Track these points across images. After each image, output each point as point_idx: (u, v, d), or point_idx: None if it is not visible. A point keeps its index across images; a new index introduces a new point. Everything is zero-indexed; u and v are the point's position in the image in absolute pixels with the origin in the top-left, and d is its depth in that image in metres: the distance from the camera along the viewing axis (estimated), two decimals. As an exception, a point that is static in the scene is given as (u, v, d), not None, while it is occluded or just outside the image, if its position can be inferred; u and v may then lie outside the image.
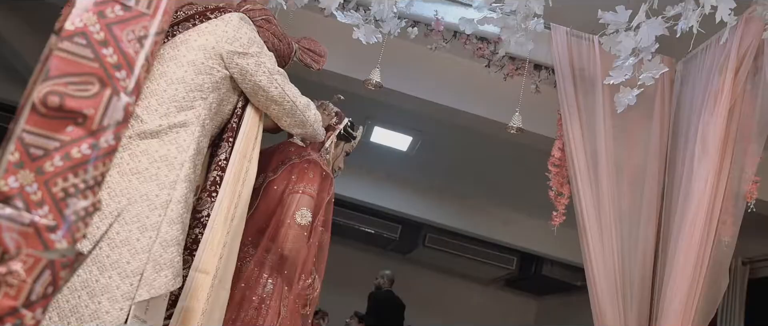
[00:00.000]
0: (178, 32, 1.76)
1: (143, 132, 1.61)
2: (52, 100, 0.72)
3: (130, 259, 1.50)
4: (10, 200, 0.74)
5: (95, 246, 1.54)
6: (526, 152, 4.15)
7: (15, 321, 0.78)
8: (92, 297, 1.46)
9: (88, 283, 1.46)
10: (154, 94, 1.65)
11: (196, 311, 1.66)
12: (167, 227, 1.56)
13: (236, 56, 1.77)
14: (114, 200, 1.54)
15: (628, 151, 2.80)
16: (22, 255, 0.76)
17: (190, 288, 1.67)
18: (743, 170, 2.36)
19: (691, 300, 2.32)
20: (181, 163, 1.63)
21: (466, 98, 3.83)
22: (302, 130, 2.01)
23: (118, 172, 1.56)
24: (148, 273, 1.51)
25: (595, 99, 2.83)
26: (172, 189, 1.60)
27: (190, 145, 1.66)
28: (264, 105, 1.90)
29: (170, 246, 1.56)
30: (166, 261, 1.55)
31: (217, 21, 1.78)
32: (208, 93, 1.73)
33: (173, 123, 1.64)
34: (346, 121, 2.43)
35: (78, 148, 0.76)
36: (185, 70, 1.70)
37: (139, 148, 1.60)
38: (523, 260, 8.06)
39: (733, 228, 2.36)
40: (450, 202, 6.90)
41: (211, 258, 1.71)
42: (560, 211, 2.90)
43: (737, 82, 2.41)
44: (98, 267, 1.48)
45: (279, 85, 1.86)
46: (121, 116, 0.78)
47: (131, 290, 1.49)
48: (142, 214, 1.54)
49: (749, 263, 4.90)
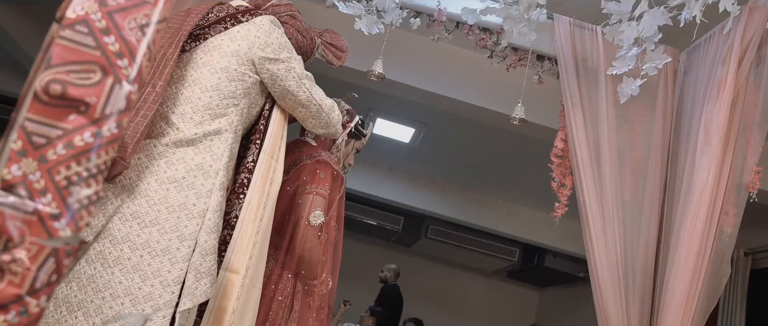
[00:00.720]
0: (210, 35, 1.78)
1: (179, 140, 1.65)
2: (54, 89, 0.72)
3: (170, 268, 1.54)
4: (13, 188, 0.74)
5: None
6: (529, 143, 4.15)
7: (19, 309, 0.78)
8: (135, 304, 1.49)
9: (131, 291, 1.50)
10: (189, 101, 1.69)
11: (227, 310, 1.69)
12: (205, 236, 1.60)
13: (268, 62, 1.79)
14: (153, 209, 1.57)
15: (631, 141, 2.79)
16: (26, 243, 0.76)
17: (221, 287, 1.69)
18: (745, 161, 2.36)
19: (693, 290, 2.32)
20: (216, 172, 1.67)
21: (469, 89, 3.82)
22: (326, 130, 2.05)
23: (156, 181, 1.60)
24: (189, 282, 1.55)
25: (597, 89, 2.82)
26: (208, 197, 1.63)
27: (224, 152, 1.70)
28: (291, 107, 1.93)
29: (208, 255, 1.60)
30: (206, 270, 1.59)
31: (249, 25, 1.80)
32: (240, 99, 1.77)
33: (208, 131, 1.68)
34: (357, 118, 2.46)
35: (81, 136, 0.76)
36: (219, 77, 1.72)
37: (176, 156, 1.64)
38: (525, 251, 8.07)
39: (735, 219, 2.35)
40: (452, 194, 6.90)
41: (242, 257, 1.73)
42: (563, 202, 2.89)
43: (740, 72, 2.40)
44: (140, 275, 1.51)
45: (307, 90, 1.90)
46: (123, 105, 0.78)
47: (173, 298, 1.52)
48: (180, 224, 1.58)
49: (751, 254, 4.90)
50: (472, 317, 9.24)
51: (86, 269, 1.53)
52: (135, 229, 1.55)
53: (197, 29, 1.78)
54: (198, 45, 1.77)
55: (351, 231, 8.43)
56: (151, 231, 1.55)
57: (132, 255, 1.53)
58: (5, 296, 0.76)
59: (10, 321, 0.78)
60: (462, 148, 5.79)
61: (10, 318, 0.78)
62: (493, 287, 9.61)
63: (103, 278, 1.51)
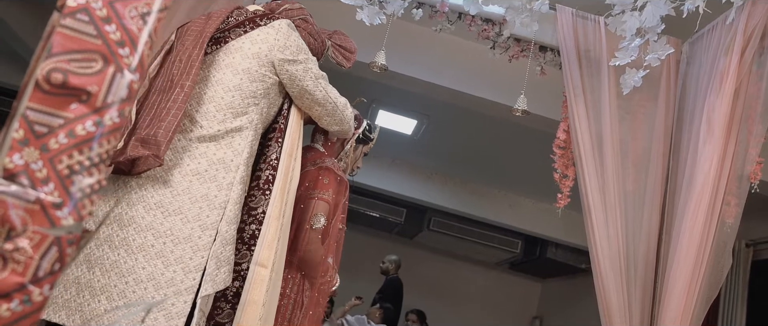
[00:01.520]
0: (231, 38, 1.89)
1: (202, 136, 1.75)
2: (55, 77, 0.72)
3: (192, 256, 1.62)
4: (15, 177, 0.74)
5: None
6: (531, 135, 4.14)
7: (23, 297, 0.78)
8: (158, 289, 1.57)
9: (154, 276, 1.58)
10: (212, 100, 1.79)
11: (258, 303, 1.76)
12: (226, 226, 1.69)
13: (287, 63, 1.89)
14: (176, 199, 1.67)
15: (634, 132, 2.79)
16: (29, 232, 0.77)
17: (251, 281, 1.77)
18: (747, 151, 2.35)
19: (694, 281, 2.32)
20: (237, 166, 1.76)
21: (471, 81, 3.82)
22: (340, 127, 2.14)
23: (180, 173, 1.70)
24: (210, 269, 1.63)
25: (600, 80, 2.81)
26: (229, 190, 1.73)
27: (245, 148, 1.80)
28: (308, 106, 2.02)
29: (228, 244, 1.70)
30: (225, 259, 1.68)
31: (268, 28, 1.90)
32: (260, 99, 1.86)
33: (229, 128, 1.78)
34: (365, 123, 2.53)
35: (83, 125, 0.76)
36: (241, 78, 1.83)
37: (198, 150, 1.74)
38: (527, 243, 8.08)
39: (736, 210, 2.35)
40: (455, 186, 6.90)
41: (268, 252, 1.81)
42: (565, 193, 2.89)
43: (743, 62, 2.40)
44: (163, 262, 1.60)
45: (323, 88, 1.99)
46: (125, 93, 0.78)
47: (194, 284, 1.60)
48: (202, 214, 1.67)
49: (753, 245, 4.90)
50: (474, 308, 9.26)
51: (110, 255, 1.60)
52: (158, 218, 1.63)
53: (218, 32, 1.88)
54: (220, 47, 1.87)
55: (353, 224, 8.42)
56: (174, 220, 1.64)
57: (155, 242, 1.61)
58: (8, 284, 0.76)
59: (14, 309, 0.78)
60: (464, 140, 5.79)
61: (13, 307, 0.78)
62: (496, 278, 9.62)
63: (127, 263, 1.58)
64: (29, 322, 0.81)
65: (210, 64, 1.85)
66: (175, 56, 1.83)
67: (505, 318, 9.37)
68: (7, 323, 0.78)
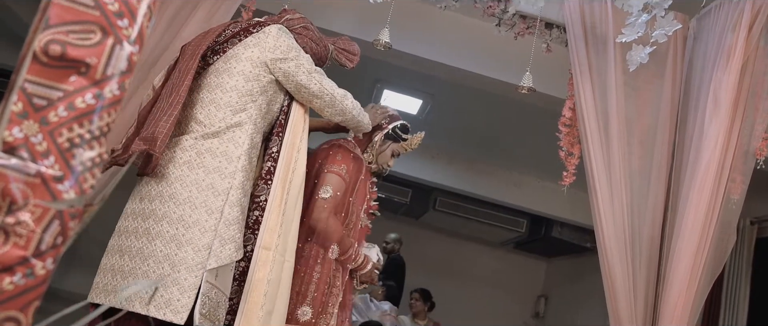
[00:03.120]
0: (228, 48, 2.10)
1: (206, 134, 1.98)
2: (53, 49, 0.71)
3: (200, 237, 1.86)
4: (15, 150, 0.74)
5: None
6: (537, 114, 4.12)
7: (25, 271, 0.78)
8: (173, 267, 1.82)
9: (169, 257, 1.83)
10: (213, 102, 2.02)
11: (262, 280, 1.97)
12: (229, 209, 1.91)
13: (278, 62, 2.08)
14: (185, 190, 1.91)
15: (639, 109, 2.77)
16: (30, 206, 0.76)
17: (256, 261, 1.99)
18: (753, 127, 2.34)
19: (698, 258, 2.32)
20: (238, 157, 1.97)
21: (477, 59, 3.79)
22: (343, 117, 2.29)
23: (188, 167, 1.94)
24: (215, 247, 1.86)
25: (606, 57, 2.79)
26: (232, 178, 1.94)
27: (245, 141, 2.00)
28: (307, 100, 2.19)
29: (232, 225, 1.91)
30: (229, 237, 1.89)
31: (260, 34, 2.10)
32: (257, 96, 2.06)
33: (230, 124, 2.00)
34: (398, 122, 2.66)
35: (82, 97, 0.75)
36: (236, 80, 2.04)
37: (204, 146, 1.96)
38: (532, 222, 8.07)
39: (742, 187, 2.35)
40: (460, 166, 6.89)
41: (270, 235, 2.02)
42: (570, 171, 2.88)
43: (750, 38, 2.38)
44: (176, 244, 1.84)
45: (317, 82, 2.16)
46: (124, 66, 0.77)
47: (203, 261, 1.84)
48: (208, 200, 1.90)
49: (757, 222, 4.88)
50: (480, 288, 9.29)
51: (135, 243, 1.89)
52: (172, 208, 1.89)
53: (216, 45, 2.11)
54: (219, 58, 2.09)
55: (359, 204, 8.43)
56: (184, 208, 1.88)
57: (169, 228, 1.86)
58: (11, 258, 0.76)
59: (17, 282, 0.78)
60: (470, 120, 5.77)
61: (16, 280, 0.78)
62: (501, 258, 9.64)
63: (148, 249, 1.86)
64: (33, 296, 0.81)
65: (211, 72, 2.08)
66: (177, 67, 2.08)
67: (511, 297, 9.40)
68: (10, 296, 0.78)
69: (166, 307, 1.78)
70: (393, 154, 2.68)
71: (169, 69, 2.13)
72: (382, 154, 2.65)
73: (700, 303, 2.40)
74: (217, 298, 1.88)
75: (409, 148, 2.71)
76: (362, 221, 2.56)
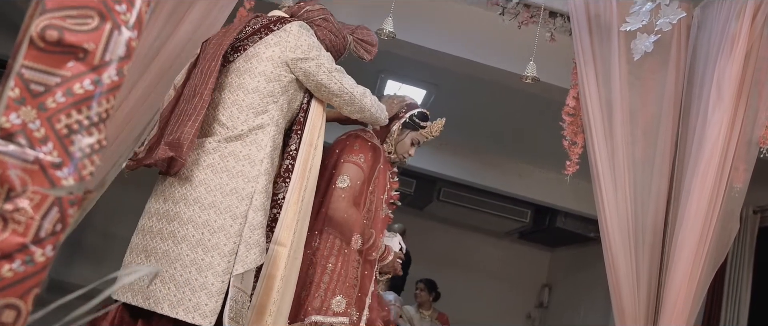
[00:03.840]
0: (249, 46, 2.09)
1: (229, 137, 2.00)
2: (50, 34, 0.71)
3: (226, 242, 1.89)
4: (12, 137, 0.73)
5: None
6: (541, 104, 4.11)
7: (25, 257, 0.78)
8: (200, 272, 1.86)
9: (196, 261, 1.87)
10: (235, 103, 2.03)
11: (276, 277, 2.01)
12: (253, 214, 1.94)
13: (299, 61, 2.08)
14: (210, 194, 1.94)
15: (643, 98, 2.75)
16: (29, 193, 0.76)
17: (271, 258, 2.02)
18: (757, 116, 2.33)
19: (701, 246, 2.32)
20: (261, 160, 2.00)
21: (480, 49, 3.77)
22: (362, 114, 2.31)
23: (212, 171, 1.96)
24: (241, 252, 1.90)
25: (610, 46, 2.77)
26: (255, 182, 1.97)
27: (267, 143, 2.03)
28: (327, 98, 2.21)
29: (256, 230, 1.94)
30: (254, 242, 1.93)
31: (280, 32, 2.09)
32: (278, 96, 2.08)
33: (252, 126, 2.01)
34: (416, 110, 2.66)
35: (80, 83, 0.75)
36: (258, 81, 2.04)
37: (227, 150, 1.99)
38: (537, 213, 8.06)
39: (745, 175, 2.34)
40: (464, 156, 6.87)
41: (287, 232, 2.04)
42: (574, 161, 2.88)
43: (754, 26, 2.37)
44: (202, 249, 1.88)
45: (337, 81, 2.16)
46: (123, 51, 0.76)
47: (229, 266, 1.88)
48: (232, 205, 1.93)
49: (760, 212, 4.88)
50: (484, 278, 9.30)
51: (161, 246, 1.92)
52: (197, 212, 1.92)
53: (237, 42, 2.10)
54: (240, 55, 2.09)
55: (363, 194, 8.43)
56: (210, 213, 1.91)
57: (195, 232, 1.90)
58: (10, 245, 0.76)
59: (16, 269, 0.78)
60: (474, 110, 5.75)
61: (15, 267, 0.78)
62: (505, 248, 9.64)
63: (174, 252, 1.89)
64: (32, 283, 0.81)
65: (233, 71, 2.08)
66: (198, 68, 2.07)
67: (515, 287, 9.41)
68: (9, 283, 0.78)
69: (194, 311, 1.83)
70: (412, 142, 2.67)
71: (189, 67, 2.14)
72: (401, 143, 2.64)
73: (702, 291, 2.40)
74: (242, 300, 1.93)
75: (430, 136, 2.71)
76: (383, 211, 2.52)
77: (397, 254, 2.56)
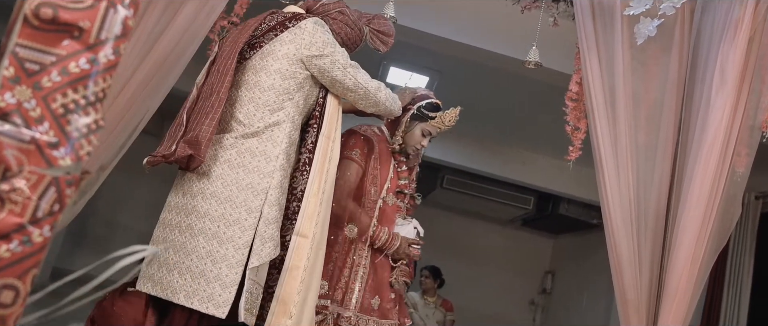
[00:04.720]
0: (265, 43, 2.14)
1: (246, 134, 2.05)
2: (44, 12, 0.70)
3: (241, 235, 1.95)
4: (8, 116, 0.73)
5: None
6: (543, 90, 4.09)
7: (22, 238, 0.78)
8: (215, 263, 1.92)
9: (211, 253, 1.94)
10: (252, 101, 2.09)
11: (300, 268, 2.04)
12: (268, 209, 1.99)
13: (314, 59, 2.12)
14: (226, 188, 2.00)
15: (646, 83, 2.74)
16: (25, 173, 0.76)
17: (293, 249, 2.05)
18: (760, 100, 2.32)
19: (703, 230, 2.31)
20: (276, 156, 2.05)
21: (483, 34, 3.76)
22: (376, 109, 2.36)
23: (229, 166, 2.02)
24: (256, 246, 1.96)
25: (613, 31, 2.75)
26: (270, 178, 2.02)
27: (283, 140, 2.07)
28: (342, 93, 2.25)
29: (271, 224, 2.00)
30: (269, 236, 1.98)
31: (296, 29, 2.13)
32: (294, 93, 2.12)
33: (268, 123, 2.07)
34: (424, 102, 2.65)
35: (76, 62, 0.74)
36: (274, 78, 2.09)
37: (244, 146, 2.04)
38: (540, 199, 8.06)
39: (747, 160, 2.34)
40: (467, 143, 6.86)
41: (308, 224, 2.08)
42: (576, 146, 2.87)
43: (758, 11, 2.35)
44: (218, 241, 1.94)
45: (352, 76, 2.20)
46: (119, 30, 0.76)
47: (243, 259, 1.94)
48: (248, 200, 1.98)
49: (762, 197, 4.88)
50: (488, 265, 9.32)
51: (179, 238, 1.99)
52: (213, 206, 1.98)
53: (253, 39, 2.15)
54: (256, 53, 2.14)
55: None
56: (225, 207, 1.97)
57: (211, 225, 1.96)
58: (7, 225, 0.76)
59: (13, 250, 0.78)
60: (476, 97, 5.73)
61: (13, 247, 0.78)
62: (508, 235, 9.66)
63: (191, 244, 1.96)
64: (31, 263, 0.81)
65: (249, 68, 2.13)
66: (216, 66, 2.12)
67: (518, 273, 9.44)
68: (7, 264, 0.78)
69: (208, 301, 1.89)
70: (424, 133, 2.67)
71: (208, 66, 2.19)
72: (411, 134, 2.65)
73: (704, 276, 2.40)
74: (256, 292, 1.99)
75: (443, 126, 2.69)
76: (389, 200, 2.59)
77: (408, 240, 2.56)
